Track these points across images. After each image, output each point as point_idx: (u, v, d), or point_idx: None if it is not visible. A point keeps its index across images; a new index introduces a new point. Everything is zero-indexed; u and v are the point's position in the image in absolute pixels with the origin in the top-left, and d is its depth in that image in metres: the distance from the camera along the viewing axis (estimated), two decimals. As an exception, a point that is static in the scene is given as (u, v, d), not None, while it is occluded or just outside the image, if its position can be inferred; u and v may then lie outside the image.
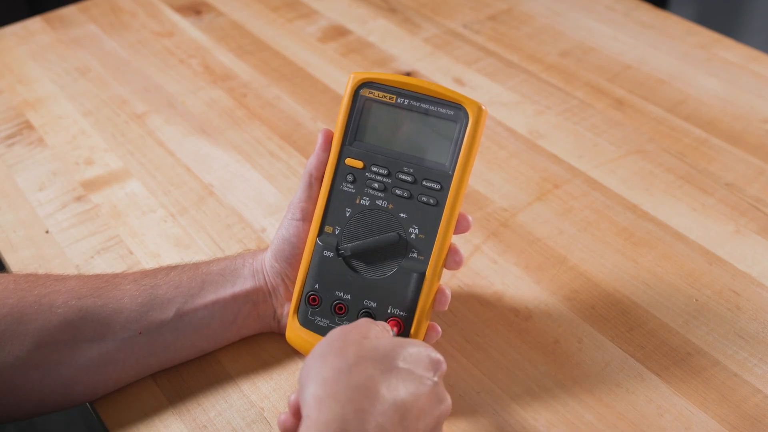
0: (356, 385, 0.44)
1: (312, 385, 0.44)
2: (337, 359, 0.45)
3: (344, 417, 0.42)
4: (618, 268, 0.65)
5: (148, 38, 0.97)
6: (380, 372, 0.45)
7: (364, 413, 0.42)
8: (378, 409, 0.43)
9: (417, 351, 0.48)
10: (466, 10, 1.00)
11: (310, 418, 0.43)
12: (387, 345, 0.47)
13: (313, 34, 0.97)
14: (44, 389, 0.53)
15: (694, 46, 0.91)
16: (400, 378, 0.45)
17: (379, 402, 0.43)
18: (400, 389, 0.45)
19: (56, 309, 0.53)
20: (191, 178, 0.76)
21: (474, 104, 0.53)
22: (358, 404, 0.43)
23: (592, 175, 0.74)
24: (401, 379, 0.45)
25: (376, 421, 0.42)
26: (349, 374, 0.44)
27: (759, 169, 0.74)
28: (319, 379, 0.44)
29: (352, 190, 0.55)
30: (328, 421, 0.42)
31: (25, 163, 0.79)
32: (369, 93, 0.55)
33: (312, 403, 0.43)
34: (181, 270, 0.57)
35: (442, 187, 0.53)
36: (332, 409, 0.42)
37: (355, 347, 0.46)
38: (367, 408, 0.43)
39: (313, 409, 0.43)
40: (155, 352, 0.55)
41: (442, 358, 0.49)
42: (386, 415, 0.43)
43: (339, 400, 0.43)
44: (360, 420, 0.42)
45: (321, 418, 0.42)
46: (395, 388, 0.44)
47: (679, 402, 0.55)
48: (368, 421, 0.42)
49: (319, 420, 0.42)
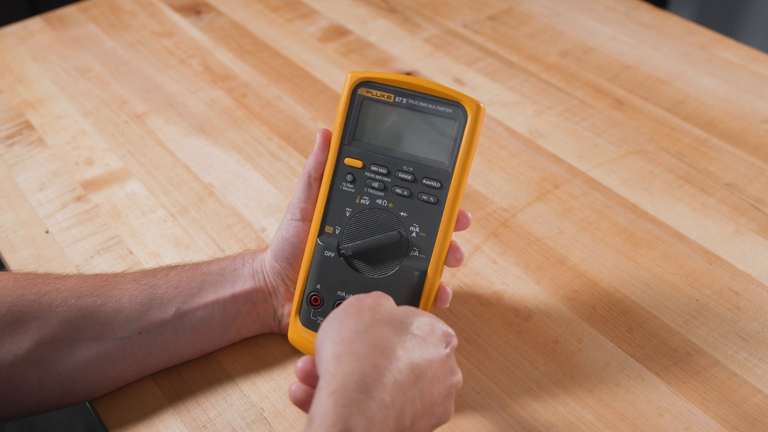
0: (373, 343, 0.45)
1: (329, 344, 0.45)
2: (354, 321, 0.46)
3: (363, 370, 0.43)
4: (618, 268, 0.65)
5: (148, 38, 0.97)
6: (395, 334, 0.46)
7: (381, 368, 0.43)
8: (395, 365, 0.44)
9: (430, 321, 0.49)
10: (466, 10, 1.00)
11: (329, 372, 0.43)
12: (401, 312, 0.49)
13: (313, 34, 0.97)
14: (43, 388, 0.53)
15: (694, 46, 0.91)
16: (414, 342, 0.46)
17: (396, 360, 0.44)
18: (415, 352, 0.46)
19: (56, 308, 0.53)
20: (191, 178, 0.76)
21: (472, 102, 0.53)
22: (375, 360, 0.44)
23: (592, 175, 0.74)
24: (416, 343, 0.46)
25: (393, 377, 0.43)
26: (366, 334, 0.45)
27: (759, 169, 0.74)
28: (336, 338, 0.45)
29: (351, 189, 0.55)
30: (347, 374, 0.43)
31: (25, 163, 0.79)
32: (367, 92, 0.55)
33: (331, 359, 0.44)
34: (180, 270, 0.57)
35: (442, 185, 0.53)
36: (351, 364, 0.43)
37: (370, 312, 0.47)
38: (385, 364, 0.44)
39: (332, 364, 0.44)
40: (154, 351, 0.55)
41: (453, 332, 0.50)
42: (403, 373, 0.44)
43: (357, 355, 0.44)
44: (378, 374, 0.43)
45: (340, 371, 0.43)
46: (411, 350, 0.46)
47: (679, 402, 0.55)
48: (386, 376, 0.43)
49: (338, 373, 0.43)
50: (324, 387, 0.43)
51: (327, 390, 0.42)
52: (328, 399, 0.42)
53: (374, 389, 0.42)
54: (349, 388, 0.42)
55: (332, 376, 0.43)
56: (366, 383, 0.42)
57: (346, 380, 0.42)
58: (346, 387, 0.42)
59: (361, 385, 0.42)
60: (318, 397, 0.42)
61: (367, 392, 0.42)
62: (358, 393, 0.42)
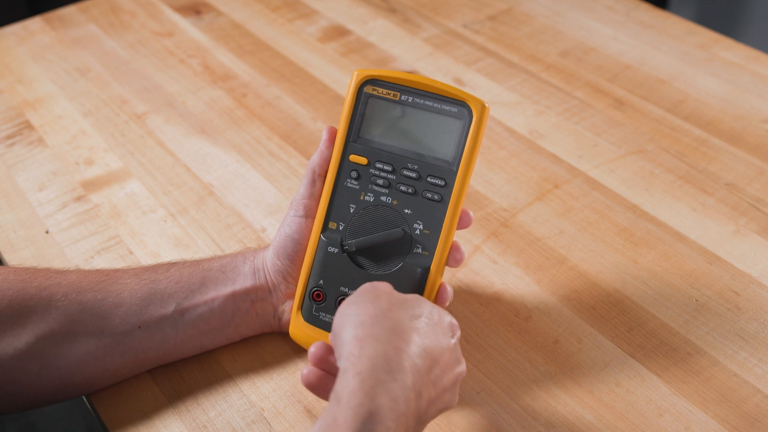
0: (392, 327, 0.46)
1: (350, 327, 0.46)
2: (372, 305, 0.47)
3: (386, 353, 0.44)
4: (618, 268, 0.65)
5: (148, 38, 0.97)
6: (410, 319, 0.47)
7: (401, 352, 0.45)
8: (413, 350, 0.45)
9: (438, 311, 0.50)
10: (466, 10, 1.00)
11: (353, 354, 0.44)
12: (413, 299, 0.50)
13: (313, 34, 0.97)
14: (42, 381, 0.53)
15: (694, 46, 0.91)
16: (428, 329, 0.48)
17: (413, 344, 0.46)
18: (429, 338, 0.47)
19: (56, 302, 0.53)
20: (191, 178, 0.76)
21: (477, 101, 0.53)
22: (396, 343, 0.45)
23: (592, 175, 0.74)
24: (429, 330, 0.48)
25: (412, 361, 0.45)
26: (385, 318, 0.46)
27: (759, 169, 0.74)
28: (357, 322, 0.46)
29: (356, 186, 0.55)
30: (371, 357, 0.44)
31: (25, 163, 0.79)
32: (373, 90, 0.55)
33: (353, 342, 0.45)
34: (181, 266, 0.57)
35: (446, 183, 0.54)
36: (374, 346, 0.45)
37: (386, 296, 0.49)
38: (404, 348, 0.45)
39: (355, 347, 0.45)
40: (154, 346, 0.55)
41: (457, 323, 0.51)
42: (420, 357, 0.45)
43: (379, 338, 0.45)
44: (399, 357, 0.44)
45: (364, 353, 0.44)
46: (425, 336, 0.47)
47: (679, 402, 0.55)
48: (405, 360, 0.45)
49: (362, 355, 0.44)
50: (349, 369, 0.44)
51: (353, 371, 0.43)
52: (354, 380, 0.43)
53: (397, 371, 0.44)
54: (375, 369, 0.43)
55: (357, 358, 0.44)
56: (390, 365, 0.44)
57: (371, 362, 0.44)
58: (372, 368, 0.43)
59: (386, 367, 0.44)
60: (343, 378, 0.43)
61: (391, 374, 0.43)
62: (383, 374, 0.43)
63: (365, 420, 0.41)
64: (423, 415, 0.45)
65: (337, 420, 0.42)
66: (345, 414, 0.42)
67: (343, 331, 0.47)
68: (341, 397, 0.43)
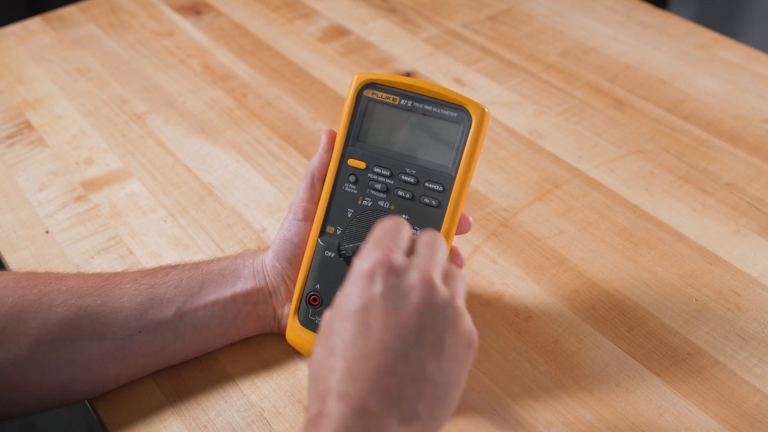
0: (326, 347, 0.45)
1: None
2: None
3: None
4: (618, 268, 0.65)
5: (148, 38, 0.97)
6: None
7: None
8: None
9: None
10: (466, 10, 1.00)
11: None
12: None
13: (313, 34, 0.97)
14: (43, 387, 0.53)
15: (694, 46, 0.91)
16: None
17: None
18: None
19: (56, 307, 0.53)
20: (191, 178, 0.76)
21: (477, 106, 0.53)
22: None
23: (592, 175, 0.74)
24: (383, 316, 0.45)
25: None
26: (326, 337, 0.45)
27: (759, 169, 0.74)
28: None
29: (354, 190, 0.55)
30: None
31: (25, 163, 0.79)
32: (372, 94, 0.55)
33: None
34: (181, 269, 0.57)
35: (444, 188, 0.53)
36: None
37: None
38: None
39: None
40: (154, 351, 0.55)
41: (427, 282, 0.45)
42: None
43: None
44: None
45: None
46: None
47: (679, 402, 0.55)
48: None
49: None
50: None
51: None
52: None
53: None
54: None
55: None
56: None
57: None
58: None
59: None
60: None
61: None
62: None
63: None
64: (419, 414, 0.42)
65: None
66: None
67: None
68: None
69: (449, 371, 0.43)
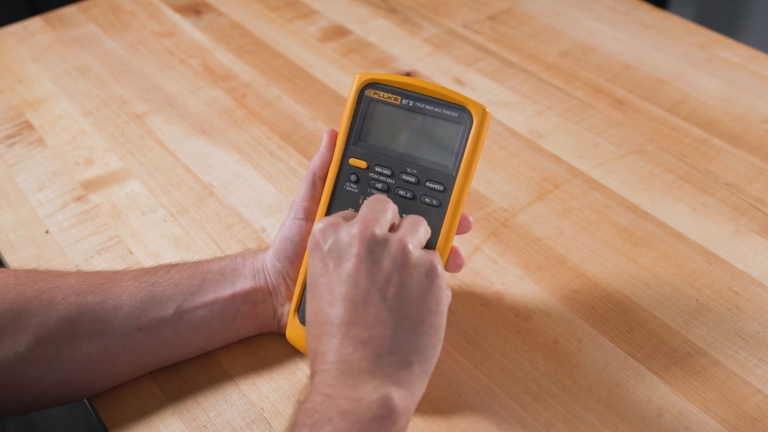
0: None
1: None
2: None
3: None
4: (618, 268, 0.65)
5: (148, 38, 0.97)
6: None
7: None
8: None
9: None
10: (466, 10, 1.00)
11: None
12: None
13: (313, 34, 0.97)
14: (43, 384, 0.53)
15: (694, 46, 0.91)
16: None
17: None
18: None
19: (56, 305, 0.53)
20: (191, 178, 0.76)
21: (478, 107, 0.53)
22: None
23: (592, 175, 0.74)
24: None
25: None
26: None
27: (759, 169, 0.74)
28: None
29: (355, 190, 0.55)
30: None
31: (25, 163, 0.79)
32: (374, 94, 0.55)
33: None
34: (181, 268, 0.57)
35: (445, 188, 0.54)
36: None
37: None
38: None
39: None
40: (154, 349, 0.55)
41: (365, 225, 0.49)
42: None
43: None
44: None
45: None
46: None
47: (679, 402, 0.55)
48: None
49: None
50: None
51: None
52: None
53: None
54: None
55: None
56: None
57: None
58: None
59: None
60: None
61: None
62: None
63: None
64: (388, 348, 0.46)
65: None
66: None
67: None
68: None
69: (415, 302, 0.47)
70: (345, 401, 0.43)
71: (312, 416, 0.43)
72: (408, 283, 0.47)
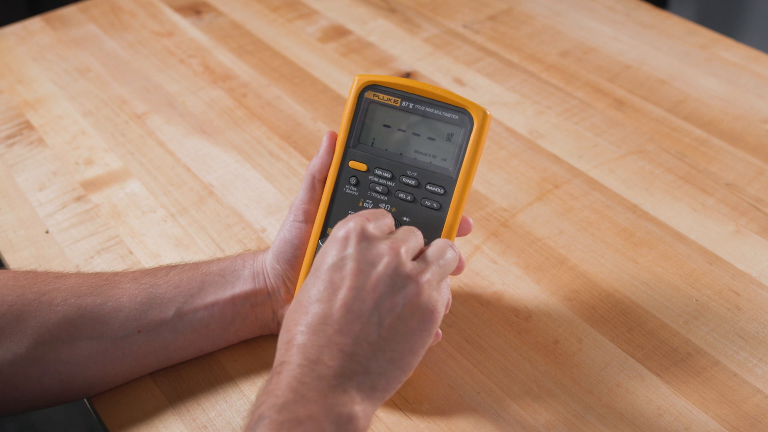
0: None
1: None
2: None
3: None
4: (618, 268, 0.65)
5: (148, 38, 0.97)
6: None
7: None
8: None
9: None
10: (466, 10, 1.00)
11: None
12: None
13: (313, 34, 0.97)
14: (43, 386, 0.53)
15: (694, 46, 0.91)
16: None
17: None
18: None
19: (55, 306, 0.53)
20: (191, 178, 0.76)
21: (479, 109, 0.53)
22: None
23: (592, 175, 0.74)
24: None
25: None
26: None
27: (759, 169, 0.74)
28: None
29: (355, 192, 0.55)
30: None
31: (25, 163, 0.79)
32: (374, 96, 0.55)
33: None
34: (180, 269, 0.57)
35: (445, 191, 0.53)
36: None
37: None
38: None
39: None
40: (153, 350, 0.55)
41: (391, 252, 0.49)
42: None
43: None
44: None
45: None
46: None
47: (679, 402, 0.55)
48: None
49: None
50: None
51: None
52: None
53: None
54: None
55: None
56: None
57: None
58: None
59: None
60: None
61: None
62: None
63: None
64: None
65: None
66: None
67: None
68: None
69: (403, 338, 0.47)
70: (315, 406, 0.43)
71: (281, 412, 0.43)
72: (406, 321, 0.48)
